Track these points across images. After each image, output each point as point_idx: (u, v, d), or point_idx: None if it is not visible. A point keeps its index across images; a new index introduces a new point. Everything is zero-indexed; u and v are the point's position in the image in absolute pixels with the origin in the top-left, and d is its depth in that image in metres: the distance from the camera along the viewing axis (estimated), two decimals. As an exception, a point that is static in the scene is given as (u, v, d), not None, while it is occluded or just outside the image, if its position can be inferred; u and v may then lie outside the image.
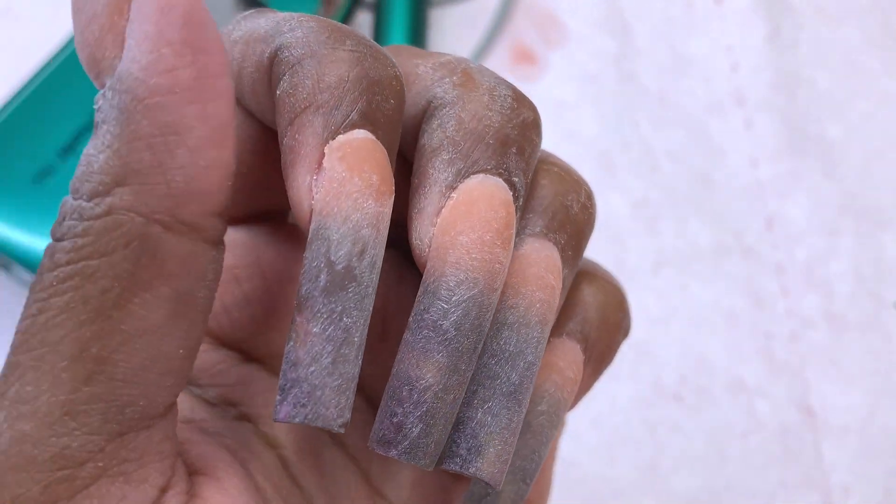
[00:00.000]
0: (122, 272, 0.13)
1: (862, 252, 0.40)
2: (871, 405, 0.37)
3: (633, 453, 0.36)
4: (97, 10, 0.13)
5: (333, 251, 0.14)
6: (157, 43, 0.13)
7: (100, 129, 0.13)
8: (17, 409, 0.13)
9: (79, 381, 0.13)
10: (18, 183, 0.32)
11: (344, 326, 0.14)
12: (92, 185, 0.13)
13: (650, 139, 0.41)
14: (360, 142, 0.14)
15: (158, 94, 0.13)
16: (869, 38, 0.44)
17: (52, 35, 0.38)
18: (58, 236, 0.13)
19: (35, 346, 0.13)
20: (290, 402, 0.14)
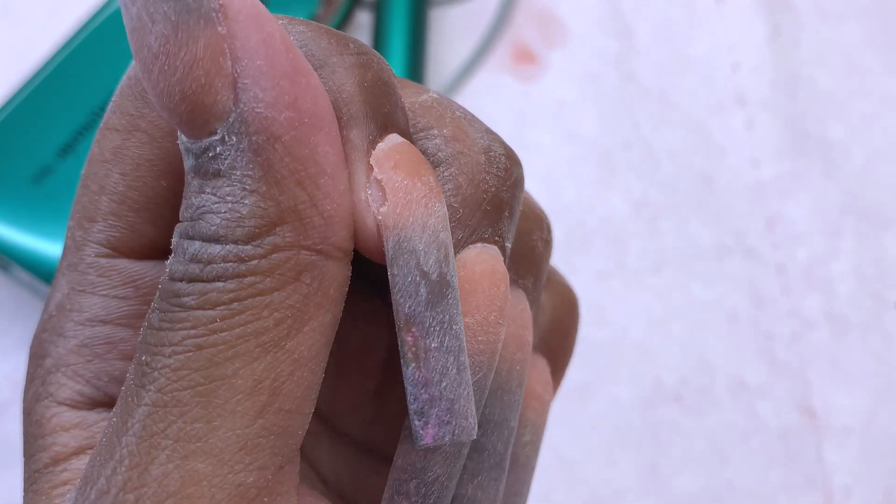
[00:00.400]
0: (295, 303, 0.13)
1: (863, 252, 0.40)
2: (873, 406, 0.37)
3: (633, 454, 0.36)
4: (197, 55, 0.12)
5: (423, 261, 0.13)
6: (274, 77, 0.12)
7: (229, 176, 0.13)
8: (185, 447, 0.12)
9: (254, 415, 0.13)
10: (17, 183, 0.32)
11: (454, 334, 0.14)
12: (246, 230, 0.13)
13: (651, 139, 0.41)
14: (403, 146, 0.14)
15: (293, 128, 0.13)
16: (870, 38, 0.44)
17: (50, 35, 0.38)
18: (196, 276, 0.13)
19: (198, 381, 0.12)
20: (434, 423, 0.13)
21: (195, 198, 0.13)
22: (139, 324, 0.16)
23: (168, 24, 0.12)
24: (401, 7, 0.40)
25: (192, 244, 0.13)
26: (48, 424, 0.15)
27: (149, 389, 0.13)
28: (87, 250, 0.16)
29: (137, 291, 0.16)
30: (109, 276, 0.16)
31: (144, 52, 0.12)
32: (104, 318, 0.16)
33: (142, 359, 0.13)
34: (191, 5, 0.12)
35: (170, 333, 0.13)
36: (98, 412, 0.15)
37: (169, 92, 0.12)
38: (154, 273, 0.16)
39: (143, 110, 0.15)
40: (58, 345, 0.16)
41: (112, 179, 0.16)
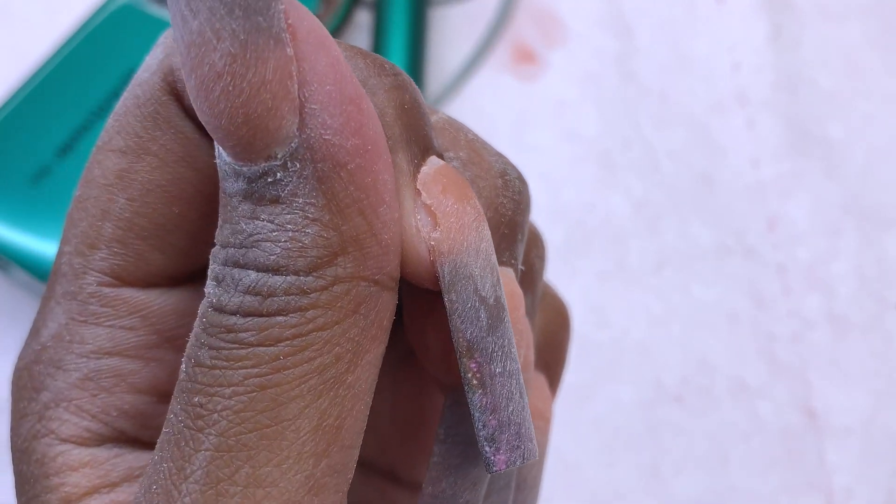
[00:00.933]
0: (354, 336, 0.13)
1: (864, 253, 0.40)
2: (874, 406, 0.37)
3: (634, 455, 0.36)
4: (265, 77, 0.11)
5: (480, 286, 0.13)
6: (341, 103, 0.12)
7: (289, 203, 0.12)
8: (255, 493, 0.12)
9: (319, 455, 0.12)
10: (16, 183, 0.32)
11: (513, 358, 0.13)
12: (309, 260, 0.12)
13: (651, 139, 0.41)
14: (447, 169, 0.14)
15: (357, 157, 0.12)
16: (871, 38, 0.44)
17: (49, 35, 0.38)
18: (255, 310, 0.12)
19: (263, 423, 0.12)
20: (505, 449, 0.13)
21: (246, 224, 0.12)
22: (150, 355, 0.15)
23: (236, 43, 0.11)
24: (401, 7, 0.40)
25: (248, 274, 0.12)
26: (53, 464, 0.14)
27: (209, 433, 0.12)
28: (88, 279, 0.15)
29: (145, 321, 0.15)
30: (114, 307, 0.15)
31: (205, 70, 0.11)
32: (110, 350, 0.15)
33: (194, 400, 0.12)
34: (261, 24, 0.11)
35: (228, 372, 0.12)
36: (107, 448, 0.15)
37: (231, 114, 0.11)
38: (162, 301, 0.15)
39: (154, 133, 0.15)
40: (56, 378, 0.15)
41: (118, 205, 0.15)
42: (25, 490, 0.15)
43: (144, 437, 0.15)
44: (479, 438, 0.13)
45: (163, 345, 0.15)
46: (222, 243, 0.13)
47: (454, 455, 0.15)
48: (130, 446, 0.15)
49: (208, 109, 0.12)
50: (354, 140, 0.12)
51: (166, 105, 0.15)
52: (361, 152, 0.12)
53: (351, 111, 0.12)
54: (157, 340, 0.15)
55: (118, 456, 0.15)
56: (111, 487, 0.15)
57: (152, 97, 0.15)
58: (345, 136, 0.12)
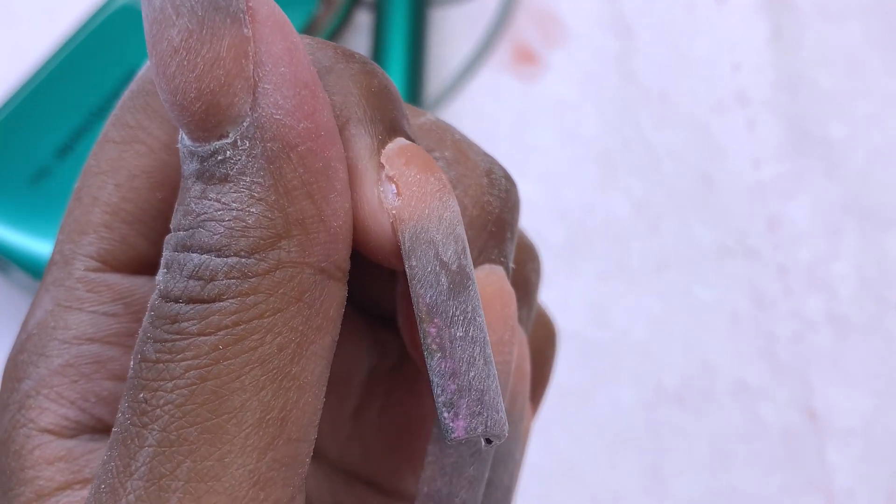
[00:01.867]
0: (298, 325, 0.12)
1: (865, 253, 0.39)
2: (875, 407, 0.37)
3: (634, 456, 0.36)
4: (220, 53, 0.12)
5: (442, 252, 0.13)
6: (295, 85, 0.12)
7: (237, 182, 0.12)
8: (198, 487, 0.12)
9: (264, 448, 0.12)
10: (15, 184, 0.32)
11: (479, 325, 0.13)
12: (251, 240, 0.12)
13: (652, 139, 0.41)
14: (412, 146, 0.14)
15: (309, 140, 0.12)
16: (871, 38, 0.44)
17: (49, 35, 0.38)
18: (197, 295, 0.12)
19: (205, 416, 0.12)
20: (465, 414, 0.13)
21: (195, 204, 0.12)
22: (130, 342, 0.15)
23: (193, 19, 0.11)
24: (401, 7, 0.40)
25: (192, 257, 0.12)
26: (30, 456, 0.14)
27: (152, 429, 0.12)
28: (77, 264, 0.15)
29: (128, 308, 0.15)
30: (99, 292, 0.15)
31: (164, 45, 0.12)
32: (92, 336, 0.15)
33: (139, 396, 0.12)
34: (219, 3, 0.12)
35: (170, 366, 0.12)
36: (83, 441, 0.15)
37: (184, 88, 0.12)
38: (147, 290, 0.15)
39: (143, 122, 0.15)
40: (39, 365, 0.15)
41: (106, 190, 0.15)
42: (2, 482, 0.14)
43: None
44: (437, 405, 0.13)
45: None
46: (174, 226, 0.13)
47: (449, 454, 0.14)
48: (106, 436, 0.15)
49: (165, 84, 0.12)
50: (306, 123, 0.12)
51: (155, 95, 0.15)
52: (313, 136, 0.12)
53: (304, 95, 0.12)
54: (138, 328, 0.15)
55: (93, 451, 0.15)
56: (84, 484, 0.14)
57: (143, 88, 0.15)
58: (296, 118, 0.12)
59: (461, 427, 0.13)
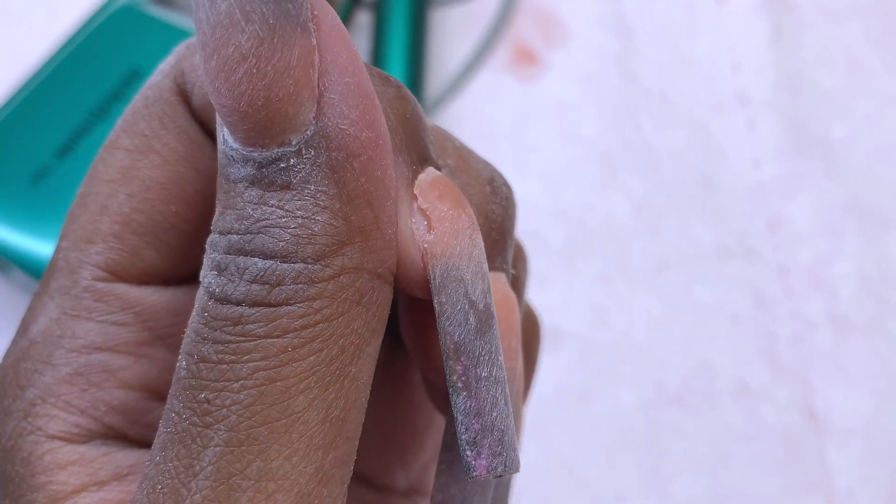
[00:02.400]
0: (358, 327, 0.13)
1: (866, 254, 0.39)
2: (876, 408, 0.37)
3: (635, 457, 0.36)
4: (290, 62, 0.12)
5: (471, 291, 0.13)
6: (359, 95, 0.12)
7: (300, 189, 0.12)
8: (267, 486, 0.12)
9: (327, 446, 0.12)
10: (15, 184, 0.32)
11: (500, 365, 0.14)
12: (317, 247, 0.12)
13: (652, 139, 0.41)
14: (443, 178, 0.14)
15: (370, 149, 0.12)
16: (872, 38, 0.44)
17: (49, 36, 0.38)
18: (263, 300, 0.12)
19: (273, 416, 0.12)
20: (487, 454, 0.13)
21: (253, 209, 0.12)
22: (141, 352, 0.15)
23: (265, 26, 0.11)
24: (401, 8, 0.40)
25: (254, 262, 0.12)
26: (40, 462, 0.14)
27: (218, 429, 0.12)
28: (83, 273, 0.15)
29: (138, 318, 0.15)
30: (107, 301, 0.15)
31: (230, 51, 0.11)
32: (101, 346, 0.15)
33: (200, 396, 0.12)
34: (290, 11, 0.11)
35: (236, 366, 0.12)
36: (96, 446, 0.15)
37: (251, 95, 0.12)
38: (155, 299, 0.15)
39: (159, 132, 0.15)
40: (44, 374, 0.15)
41: (117, 200, 0.15)
42: (9, 490, 0.14)
43: (132, 434, 0.15)
44: (460, 442, 0.13)
45: (154, 342, 0.15)
46: (223, 230, 0.12)
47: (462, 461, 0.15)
48: (118, 443, 0.15)
49: (228, 91, 0.12)
50: (368, 132, 0.12)
51: (174, 105, 0.15)
52: (374, 145, 0.12)
53: (367, 105, 0.12)
54: (149, 337, 0.15)
55: (106, 454, 0.15)
56: (100, 486, 0.14)
57: (161, 98, 0.15)
58: (360, 127, 0.12)
59: (483, 466, 0.13)
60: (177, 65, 0.15)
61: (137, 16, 0.36)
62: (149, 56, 0.34)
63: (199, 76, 0.15)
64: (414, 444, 0.19)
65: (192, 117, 0.15)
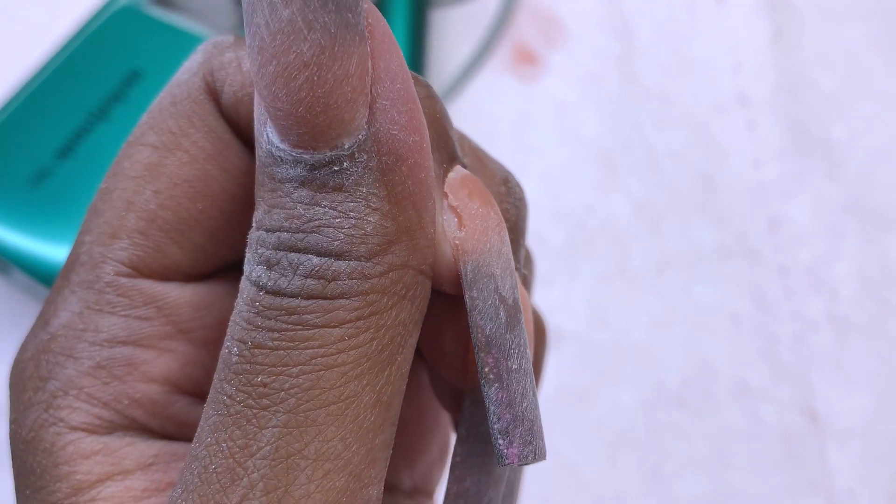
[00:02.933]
0: (404, 320, 0.13)
1: (866, 254, 0.39)
2: (876, 408, 0.37)
3: (635, 458, 0.36)
4: (349, 71, 0.12)
5: (501, 286, 0.14)
6: (408, 101, 0.13)
7: (353, 192, 0.13)
8: (325, 466, 0.13)
9: (376, 430, 0.13)
10: (15, 185, 0.32)
11: (528, 359, 0.14)
12: (369, 246, 0.13)
13: (652, 140, 0.41)
14: (472, 176, 0.15)
15: (417, 153, 0.13)
16: (872, 39, 0.44)
17: (49, 37, 0.38)
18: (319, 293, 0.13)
19: (330, 400, 0.13)
20: (519, 442, 0.14)
21: (305, 209, 0.13)
22: (163, 345, 0.15)
23: (327, 35, 0.12)
24: (401, 8, 0.40)
25: (309, 258, 0.13)
26: (63, 453, 0.14)
27: (276, 411, 0.12)
28: (107, 268, 0.15)
29: (160, 312, 0.15)
30: (131, 296, 0.15)
31: (291, 58, 0.12)
32: (124, 339, 0.15)
33: (256, 380, 0.13)
34: (350, 21, 0.12)
35: (293, 353, 0.13)
36: (119, 437, 0.15)
37: (310, 101, 0.12)
38: (177, 295, 0.16)
39: (187, 130, 0.15)
40: (66, 366, 0.15)
41: (143, 196, 0.15)
42: (31, 482, 0.14)
43: (154, 427, 0.15)
44: (492, 431, 0.14)
45: (176, 336, 0.16)
46: (271, 228, 0.13)
47: (477, 454, 0.15)
48: (141, 435, 0.15)
49: (287, 96, 0.12)
50: (415, 137, 0.13)
51: (203, 104, 0.15)
52: (420, 149, 0.13)
53: (414, 110, 0.13)
54: (171, 332, 0.16)
55: (130, 444, 0.15)
56: (125, 475, 0.15)
57: (190, 96, 0.15)
58: (409, 132, 0.13)
59: (514, 454, 0.14)
60: (206, 63, 0.15)
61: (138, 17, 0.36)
62: (149, 57, 0.34)
63: (228, 74, 0.15)
64: (420, 445, 0.20)
65: (220, 116, 0.16)
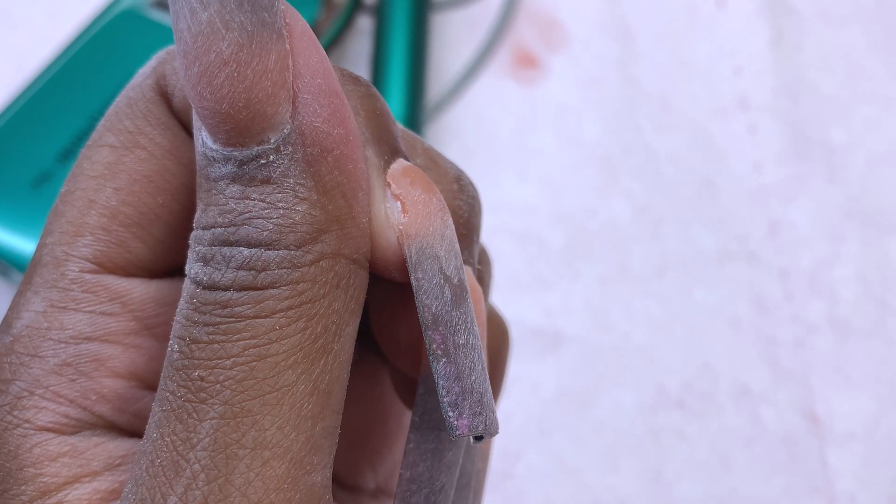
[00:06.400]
0: (338, 308, 0.14)
1: (866, 257, 0.39)
2: (877, 412, 0.37)
3: (636, 461, 0.36)
4: (268, 66, 0.12)
5: (445, 266, 0.14)
6: (329, 95, 0.13)
7: (280, 183, 0.13)
8: (263, 454, 0.13)
9: (315, 417, 0.13)
10: (17, 188, 0.32)
11: (475, 335, 0.14)
12: (298, 235, 0.13)
13: (653, 143, 0.41)
14: (413, 167, 0.15)
15: (342, 144, 0.13)
16: (872, 42, 0.44)
17: (51, 40, 0.38)
18: (249, 284, 0.13)
19: (265, 390, 0.13)
20: (468, 413, 0.14)
21: (236, 203, 0.13)
22: (129, 341, 0.16)
23: (244, 33, 0.12)
24: (402, 11, 0.40)
25: (240, 251, 0.13)
26: (29, 455, 0.14)
27: (213, 403, 0.13)
28: (71, 265, 0.15)
29: (125, 308, 0.16)
30: (95, 292, 0.15)
31: (211, 57, 0.12)
32: (90, 335, 0.15)
33: (194, 374, 0.13)
34: (266, 20, 0.12)
35: (227, 345, 0.13)
36: (86, 436, 0.15)
37: (232, 97, 0.12)
38: (142, 290, 0.16)
39: (144, 128, 0.16)
40: (31, 366, 0.15)
41: (104, 194, 0.15)
42: None
43: (122, 423, 0.16)
44: (442, 405, 0.14)
45: (141, 331, 0.16)
46: (207, 225, 0.13)
47: (430, 440, 0.16)
48: (109, 433, 0.15)
49: (210, 94, 0.12)
50: (339, 129, 0.13)
51: (157, 103, 0.16)
52: (345, 141, 0.13)
53: (337, 104, 0.13)
54: (137, 327, 0.16)
55: (98, 445, 0.15)
56: (92, 476, 0.15)
57: (144, 96, 0.16)
58: (332, 124, 0.13)
59: (465, 425, 0.14)
60: (158, 67, 0.16)
61: (139, 20, 0.36)
62: (150, 60, 0.34)
63: (179, 79, 0.16)
64: (383, 445, 0.20)
65: (173, 115, 0.16)
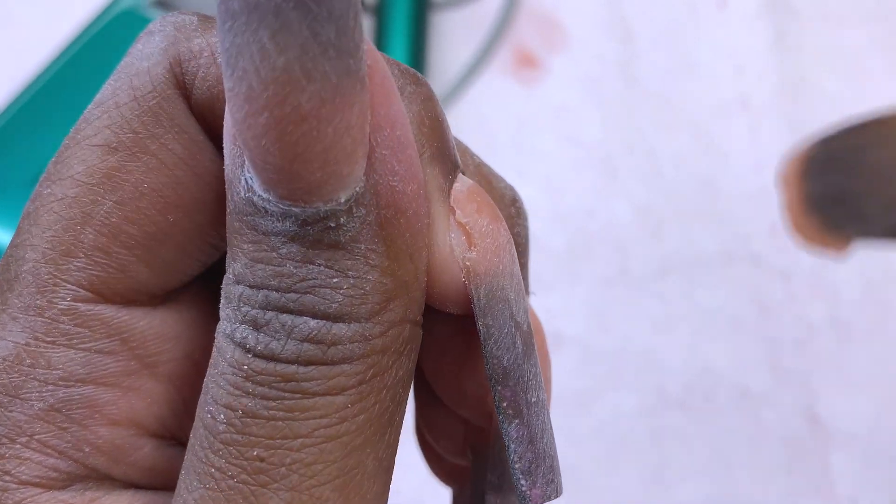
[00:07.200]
0: (403, 377, 0.12)
1: (868, 258, 0.39)
2: (878, 413, 0.37)
3: (637, 462, 0.36)
4: (350, 122, 0.10)
5: (516, 312, 0.13)
6: (407, 148, 0.12)
7: (351, 249, 0.11)
8: None
9: (381, 494, 0.12)
10: (16, 188, 0.32)
11: (542, 387, 0.13)
12: (369, 307, 0.12)
13: (654, 144, 0.41)
14: (478, 188, 0.13)
15: (415, 202, 0.12)
16: (874, 42, 0.43)
17: (50, 40, 0.38)
18: (318, 359, 0.12)
19: (335, 474, 0.12)
20: (542, 482, 0.13)
21: (296, 268, 0.11)
22: (128, 383, 0.13)
23: (328, 86, 0.10)
24: (402, 11, 0.40)
25: (305, 321, 0.11)
26: None
27: (277, 489, 0.11)
28: (61, 292, 0.13)
29: (125, 345, 0.13)
30: (91, 327, 0.13)
31: (286, 111, 0.10)
32: (84, 378, 0.13)
33: (251, 453, 0.11)
34: (351, 67, 0.10)
35: (293, 424, 0.11)
36: (77, 492, 0.13)
37: (306, 156, 0.10)
38: (144, 323, 0.14)
39: (155, 131, 0.13)
40: (12, 409, 0.13)
41: (104, 208, 0.13)
42: None
43: (117, 474, 0.14)
44: (513, 471, 0.13)
45: (141, 371, 0.14)
46: (256, 284, 0.12)
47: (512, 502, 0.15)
48: (103, 486, 0.13)
49: (280, 151, 0.10)
50: (413, 185, 0.12)
51: (172, 100, 0.13)
52: (418, 198, 0.12)
53: (413, 158, 0.12)
54: (136, 367, 0.14)
55: (93, 501, 0.13)
56: None
57: (155, 90, 0.13)
58: (407, 181, 0.12)
59: (538, 495, 0.13)
60: (170, 49, 0.13)
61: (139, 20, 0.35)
62: (150, 60, 0.34)
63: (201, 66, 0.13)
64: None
65: (191, 114, 0.13)
